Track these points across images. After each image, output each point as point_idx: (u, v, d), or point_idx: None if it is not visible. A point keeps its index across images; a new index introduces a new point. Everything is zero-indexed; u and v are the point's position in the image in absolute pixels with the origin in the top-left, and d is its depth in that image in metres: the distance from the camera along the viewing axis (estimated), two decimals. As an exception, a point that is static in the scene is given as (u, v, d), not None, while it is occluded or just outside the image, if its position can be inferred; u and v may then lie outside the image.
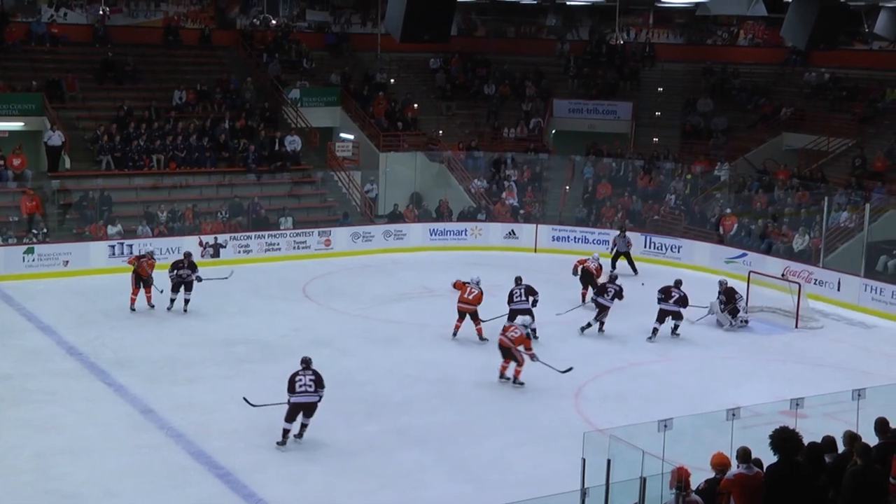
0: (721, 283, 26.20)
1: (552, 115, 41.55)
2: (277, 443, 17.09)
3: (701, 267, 30.74)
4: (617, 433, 13.17)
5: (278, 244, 31.62)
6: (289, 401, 17.15)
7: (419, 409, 19.09)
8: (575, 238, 33.73)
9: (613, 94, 41.98)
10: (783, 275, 27.99)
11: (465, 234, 34.11)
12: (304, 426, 17.29)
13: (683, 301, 23.96)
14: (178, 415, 18.38)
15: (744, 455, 11.14)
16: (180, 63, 38.35)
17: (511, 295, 23.63)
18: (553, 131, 41.90)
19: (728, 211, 33.02)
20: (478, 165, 37.67)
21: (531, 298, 23.47)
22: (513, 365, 20.56)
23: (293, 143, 35.48)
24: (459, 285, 24.10)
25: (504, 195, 36.28)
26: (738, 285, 26.57)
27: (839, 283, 28.03)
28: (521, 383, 20.42)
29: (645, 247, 32.73)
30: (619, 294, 24.46)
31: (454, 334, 23.60)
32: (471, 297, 23.43)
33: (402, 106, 39.65)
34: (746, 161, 36.78)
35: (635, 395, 20.08)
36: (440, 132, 39.39)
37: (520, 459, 16.97)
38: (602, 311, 24.24)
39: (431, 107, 41.33)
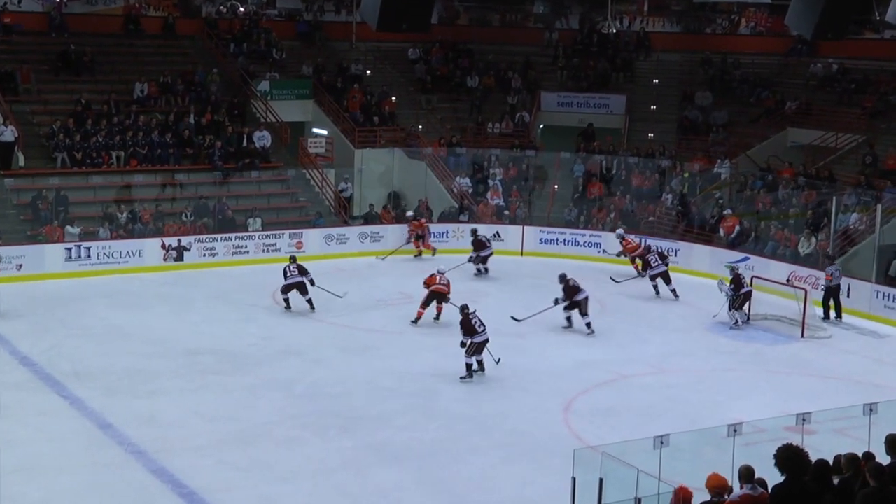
0: (731, 269, 26.73)
1: (540, 109, 41.59)
2: None
3: (699, 272, 30.79)
4: (609, 450, 13.18)
5: (246, 247, 31.56)
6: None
7: (397, 424, 19.05)
8: (564, 241, 33.77)
9: (605, 86, 42.06)
10: (788, 280, 28.04)
11: (447, 236, 34.09)
12: None
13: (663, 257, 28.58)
14: (138, 430, 18.28)
15: (747, 474, 11.12)
16: (142, 54, 38.24)
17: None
18: (541, 126, 41.95)
19: (729, 212, 33.10)
20: (460, 163, 37.67)
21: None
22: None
23: (262, 139, 35.42)
24: (430, 279, 25.60)
25: (488, 195, 36.31)
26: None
27: (849, 289, 28.08)
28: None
29: (640, 250, 32.78)
30: (662, 256, 28.91)
31: (416, 321, 25.28)
32: (444, 283, 25.41)
33: (378, 99, 39.64)
34: (748, 158, 36.85)
35: (629, 410, 20.07)
36: (420, 127, 39.39)
37: (505, 479, 16.93)
38: (660, 276, 28.33)
39: (410, 100, 41.32)
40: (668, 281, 28.55)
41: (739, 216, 32.92)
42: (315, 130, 38.81)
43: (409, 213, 33.71)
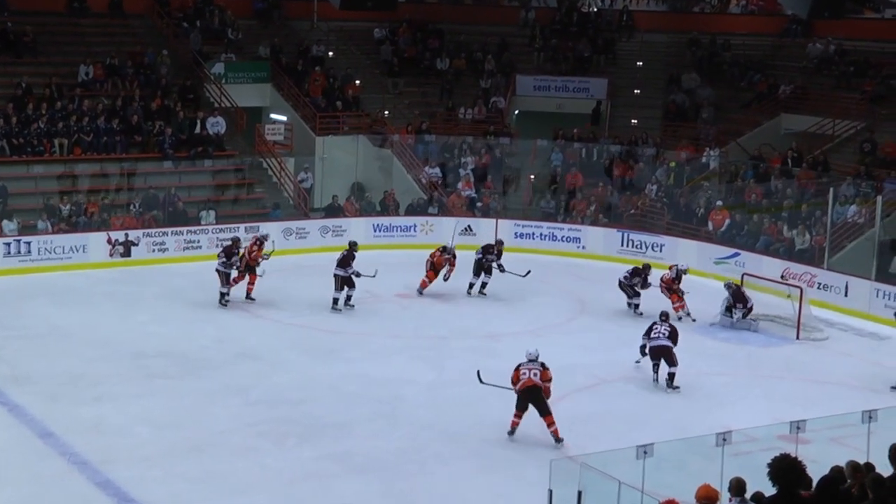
0: (728, 287, 26.63)
1: (515, 94, 41.63)
2: None
3: (686, 268, 30.84)
4: (589, 461, 13.21)
5: (199, 241, 31.45)
6: None
7: (361, 433, 19.01)
8: (541, 235, 33.80)
9: (585, 69, 42.12)
10: (782, 277, 28.18)
11: (415, 230, 34.09)
12: None
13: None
14: (82, 439, 18.15)
15: (738, 487, 11.14)
16: (87, 34, 38.04)
17: (650, 330, 22.48)
18: (516, 112, 41.99)
19: (719, 204, 33.21)
20: (429, 151, 37.66)
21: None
22: (529, 417, 18.98)
23: (216, 125, 35.31)
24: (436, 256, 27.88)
25: (459, 185, 36.30)
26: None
27: (847, 287, 28.24)
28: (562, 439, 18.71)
29: (623, 245, 32.89)
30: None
31: (421, 292, 27.33)
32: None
33: (341, 83, 39.56)
34: (739, 146, 36.98)
35: (611, 417, 20.11)
36: (386, 113, 39.36)
37: (477, 491, 16.91)
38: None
39: (376, 84, 41.27)
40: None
41: (730, 209, 33.04)
42: (273, 116, 38.69)
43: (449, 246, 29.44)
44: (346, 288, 26.57)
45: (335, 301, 26.54)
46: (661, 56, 42.97)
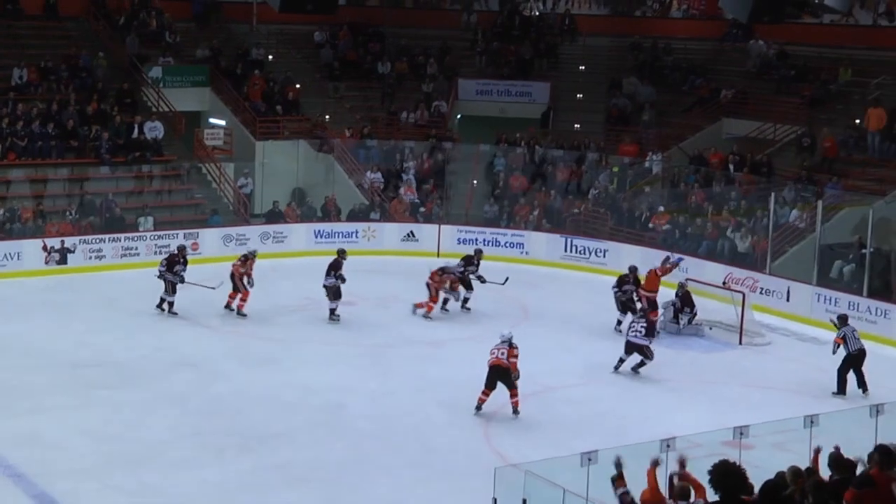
0: (681, 286, 26.82)
1: (457, 98, 41.65)
2: None
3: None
4: (533, 468, 13.23)
5: (136, 248, 31.23)
6: None
7: (302, 443, 18.96)
8: (484, 240, 33.77)
9: (528, 73, 42.21)
10: (724, 283, 28.29)
11: (356, 237, 34.02)
12: None
13: None
14: (17, 451, 17.98)
15: (681, 493, 11.22)
16: (21, 36, 37.72)
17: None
18: (458, 116, 42.03)
19: (661, 209, 33.39)
20: (371, 156, 37.62)
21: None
22: (496, 394, 20.46)
23: (154, 129, 35.07)
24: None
25: (401, 191, 36.27)
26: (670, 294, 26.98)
27: (788, 291, 28.49)
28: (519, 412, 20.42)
29: (566, 250, 32.99)
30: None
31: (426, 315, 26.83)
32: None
33: (281, 87, 39.42)
34: (681, 151, 37.19)
35: (554, 424, 20.17)
36: (327, 117, 39.26)
37: (420, 501, 16.90)
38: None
39: (316, 88, 41.18)
40: None
41: (672, 213, 33.22)
42: (212, 121, 38.50)
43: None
44: (337, 298, 26.41)
45: (332, 312, 26.45)
46: (603, 60, 43.15)
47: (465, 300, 27.82)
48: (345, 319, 26.10)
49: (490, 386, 20.32)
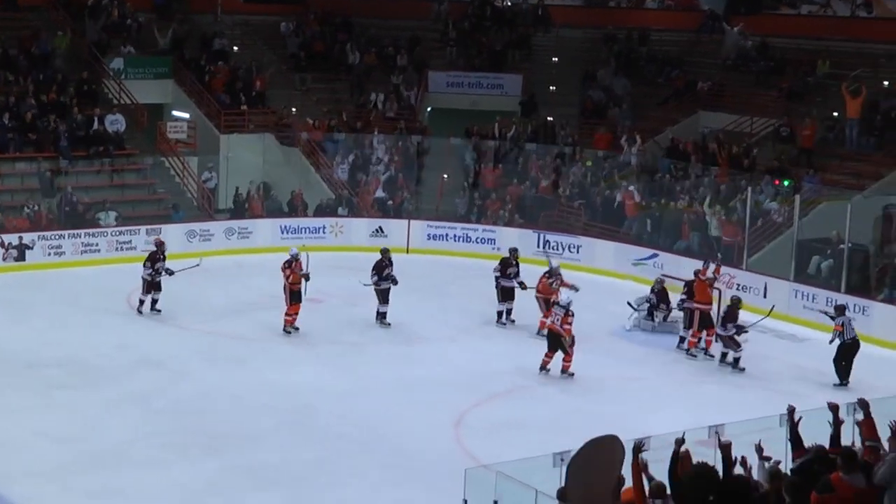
0: (658, 282, 26.93)
1: (427, 90, 41.66)
2: None
3: (604, 270, 31.12)
4: (505, 469, 13.28)
5: (97, 244, 31.17)
6: None
7: (270, 444, 18.96)
8: (455, 236, 33.90)
9: (500, 65, 42.26)
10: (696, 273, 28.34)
11: (324, 232, 34.02)
12: None
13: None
14: (-26, 455, 17.97)
15: (657, 490, 11.31)
16: (-23, 25, 37.57)
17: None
18: (428, 109, 42.03)
19: (632, 188, 33.43)
20: (339, 150, 37.58)
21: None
22: (558, 356, 22.59)
23: (116, 122, 34.97)
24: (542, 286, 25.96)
25: (370, 185, 36.28)
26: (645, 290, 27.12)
27: (765, 287, 28.60)
28: (572, 374, 22.80)
29: (539, 246, 32.98)
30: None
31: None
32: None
33: (247, 79, 39.34)
34: (657, 144, 37.31)
35: (527, 424, 20.23)
36: (293, 110, 39.16)
37: (390, 503, 16.97)
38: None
39: (283, 79, 41.07)
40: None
41: (646, 208, 33.29)
42: (175, 114, 38.43)
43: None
44: (385, 301, 26.24)
45: (383, 316, 26.32)
46: (577, 51, 43.21)
47: (509, 311, 26.89)
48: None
49: (552, 349, 22.79)
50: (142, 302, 26.51)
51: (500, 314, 26.57)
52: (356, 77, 41.28)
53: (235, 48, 41.32)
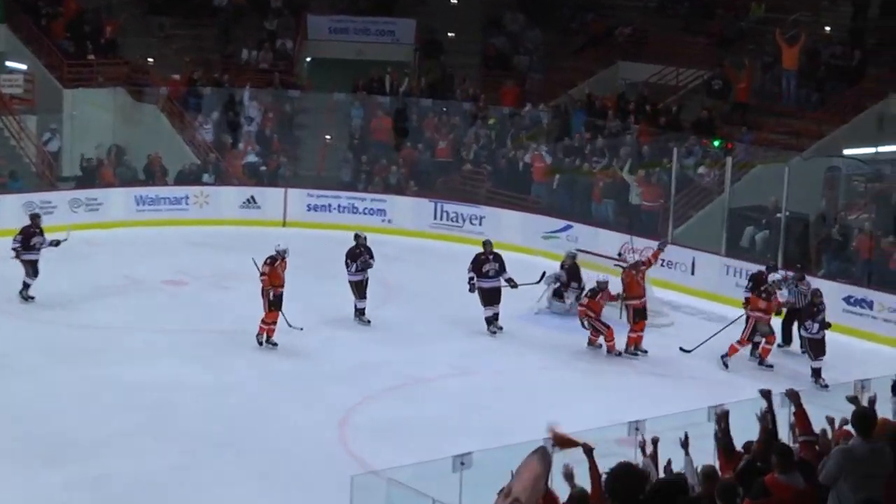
0: (570, 256, 27.17)
1: (306, 38, 41.50)
2: None
3: (511, 245, 31.11)
4: (397, 475, 13.35)
5: (-82, 220, 30.81)
6: None
7: (124, 451, 18.82)
8: (340, 206, 33.91)
9: (390, 8, 42.21)
10: (620, 254, 28.60)
11: (186, 203, 33.88)
12: None
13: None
14: None
15: (579, 500, 11.41)
16: None
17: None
18: (308, 59, 41.88)
19: (541, 150, 33.63)
20: (203, 107, 37.34)
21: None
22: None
23: (-62, 75, 34.55)
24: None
25: (241, 147, 36.13)
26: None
27: (693, 263, 28.92)
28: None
29: (436, 217, 33.13)
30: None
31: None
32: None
33: (95, 23, 38.94)
34: (570, 98, 37.46)
35: (423, 423, 20.31)
36: (150, 60, 38.87)
37: (266, 515, 17.00)
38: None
39: (137, 25, 40.70)
40: None
41: (560, 171, 33.47)
42: (9, 64, 37.97)
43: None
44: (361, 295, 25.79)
45: (361, 312, 25.84)
46: (480, -8, 43.35)
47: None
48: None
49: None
50: (27, 286, 26.15)
51: (488, 321, 25.39)
52: (223, 22, 41.00)
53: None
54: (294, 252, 24.55)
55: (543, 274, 26.97)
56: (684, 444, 12.66)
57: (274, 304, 23.88)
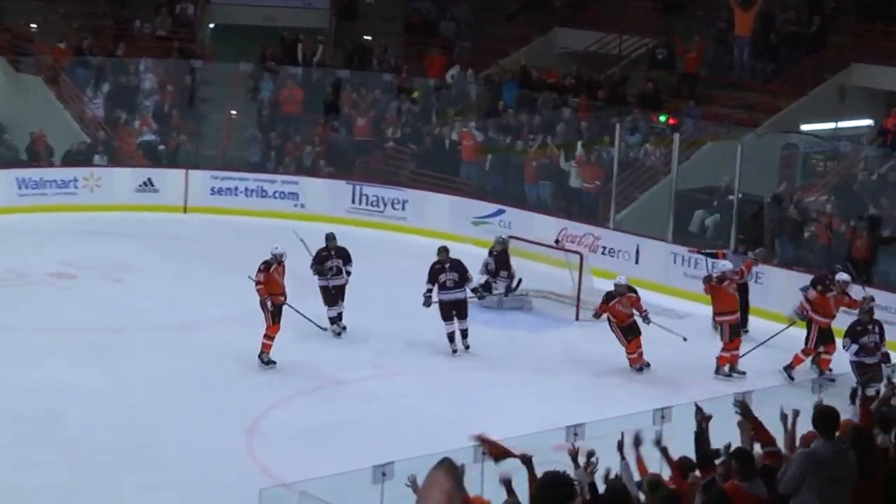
0: (499, 242, 27.14)
1: (209, 1, 41.33)
2: None
3: (437, 231, 31.16)
4: (311, 488, 13.31)
5: None
6: None
7: (3, 464, 18.67)
8: (247, 190, 33.84)
9: (302, -32, 42.18)
10: (557, 241, 28.72)
11: (75, 186, 33.67)
12: None
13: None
14: None
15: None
16: None
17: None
18: (210, 25, 41.73)
19: (470, 126, 33.66)
20: (94, 79, 37.11)
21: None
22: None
23: None
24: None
25: (137, 124, 35.96)
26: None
27: (637, 251, 29.02)
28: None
29: (354, 202, 33.08)
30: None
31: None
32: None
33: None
34: (502, 69, 37.51)
35: (340, 430, 20.31)
36: (33, 26, 38.57)
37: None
38: None
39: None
40: None
41: (491, 151, 33.53)
42: None
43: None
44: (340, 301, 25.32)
45: (332, 321, 25.30)
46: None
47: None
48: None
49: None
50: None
51: (450, 337, 24.45)
52: (116, -16, 40.85)
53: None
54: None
55: (519, 281, 26.97)
56: (620, 446, 12.66)
57: (276, 315, 23.48)
